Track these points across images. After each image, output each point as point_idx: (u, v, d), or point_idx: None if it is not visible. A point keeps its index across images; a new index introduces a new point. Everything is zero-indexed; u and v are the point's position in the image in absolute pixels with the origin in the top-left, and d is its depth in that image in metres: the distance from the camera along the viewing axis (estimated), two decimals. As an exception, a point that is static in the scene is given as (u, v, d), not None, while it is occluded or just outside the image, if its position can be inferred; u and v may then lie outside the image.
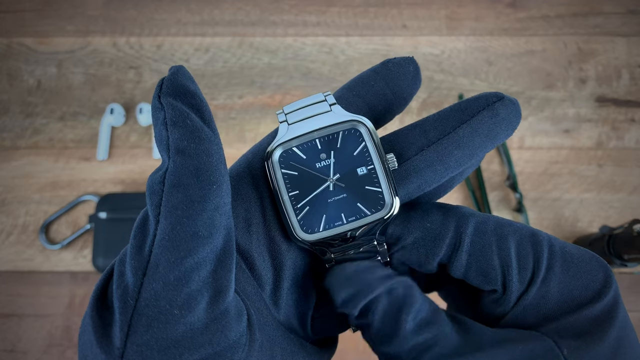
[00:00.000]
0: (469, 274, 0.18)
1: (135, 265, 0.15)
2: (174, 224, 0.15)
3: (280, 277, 0.18)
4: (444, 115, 0.19)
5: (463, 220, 0.18)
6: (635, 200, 0.64)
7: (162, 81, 0.17)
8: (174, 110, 0.16)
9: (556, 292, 0.17)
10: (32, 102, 0.68)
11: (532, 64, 0.70)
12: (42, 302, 0.61)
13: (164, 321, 0.14)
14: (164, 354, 0.14)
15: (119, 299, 0.15)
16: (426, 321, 0.17)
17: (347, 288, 0.18)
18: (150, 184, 0.16)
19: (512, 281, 0.17)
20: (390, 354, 0.17)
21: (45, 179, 0.65)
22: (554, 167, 0.66)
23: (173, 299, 0.14)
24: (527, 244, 0.18)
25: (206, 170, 0.16)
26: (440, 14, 0.72)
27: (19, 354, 0.60)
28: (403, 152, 0.19)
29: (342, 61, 0.70)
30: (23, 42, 0.71)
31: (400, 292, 0.17)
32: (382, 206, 0.18)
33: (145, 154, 0.66)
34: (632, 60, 0.70)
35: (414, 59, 0.20)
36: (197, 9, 0.72)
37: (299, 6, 0.73)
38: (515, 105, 0.18)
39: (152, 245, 0.15)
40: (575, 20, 0.71)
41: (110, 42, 0.71)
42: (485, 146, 0.18)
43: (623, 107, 0.68)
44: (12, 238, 0.63)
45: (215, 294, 0.15)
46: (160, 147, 0.16)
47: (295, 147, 0.19)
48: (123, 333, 0.14)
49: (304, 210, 0.19)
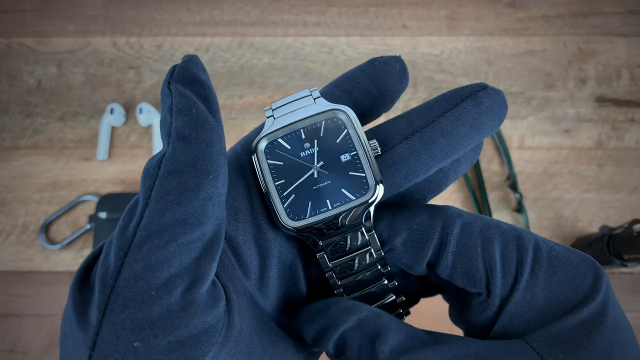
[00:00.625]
0: (455, 275, 0.18)
1: (118, 245, 0.15)
2: (163, 209, 0.15)
3: (266, 265, 0.18)
4: (429, 105, 0.19)
5: (450, 221, 0.18)
6: (635, 200, 0.64)
7: (173, 68, 0.17)
8: (182, 98, 0.16)
9: (542, 298, 0.17)
10: (32, 102, 0.68)
11: (532, 64, 0.70)
12: (42, 302, 0.61)
13: (140, 302, 0.14)
14: (138, 334, 0.14)
15: (100, 278, 0.15)
16: (403, 348, 0.17)
17: (314, 325, 0.18)
18: (146, 167, 0.16)
19: (496, 285, 0.17)
20: None
21: (45, 179, 0.65)
22: (554, 167, 0.66)
23: (152, 281, 0.14)
24: (512, 247, 0.18)
25: (204, 159, 0.16)
26: (440, 14, 0.72)
27: (19, 354, 0.60)
28: (388, 141, 0.19)
29: (342, 61, 0.70)
30: (23, 42, 0.71)
31: (371, 322, 0.17)
32: (366, 190, 0.19)
33: (145, 154, 0.66)
34: (632, 60, 0.70)
35: (401, 57, 0.20)
36: (197, 9, 0.72)
37: (299, 6, 0.73)
38: (499, 95, 0.18)
39: (137, 227, 0.15)
40: (575, 20, 0.71)
41: (110, 42, 0.71)
42: (471, 135, 0.18)
43: (623, 107, 0.68)
44: (12, 238, 0.63)
45: (194, 280, 0.15)
46: (163, 132, 0.16)
47: (280, 138, 0.20)
48: (100, 312, 0.14)
49: (289, 198, 0.19)
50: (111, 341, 0.14)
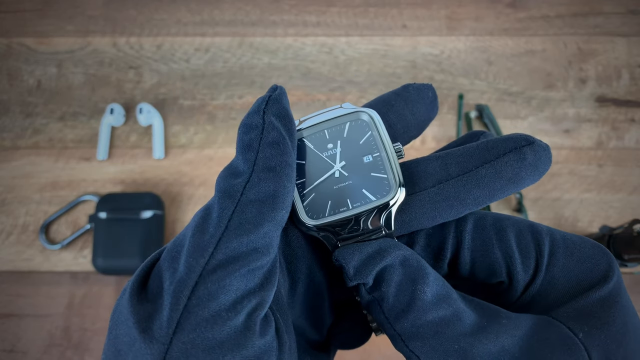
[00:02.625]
0: (475, 270, 0.18)
1: (192, 263, 0.15)
2: (240, 236, 0.15)
3: (295, 279, 0.19)
4: (468, 151, 0.18)
5: (461, 220, 0.19)
6: (635, 200, 0.64)
7: (268, 97, 0.18)
8: (274, 131, 0.17)
9: (562, 277, 0.17)
10: (32, 102, 0.68)
11: (532, 64, 0.70)
12: (41, 302, 0.61)
13: (212, 322, 0.15)
14: (208, 354, 0.14)
15: (172, 294, 0.15)
16: (442, 295, 0.17)
17: (359, 254, 0.18)
18: (228, 188, 0.16)
19: (517, 271, 0.18)
20: (407, 331, 0.17)
21: (45, 179, 0.65)
22: (554, 167, 0.66)
23: (223, 302, 0.15)
24: (526, 234, 0.18)
25: (283, 194, 0.16)
26: (440, 14, 0.72)
27: (19, 354, 0.60)
28: (420, 182, 0.19)
29: (342, 61, 0.70)
30: (23, 42, 0.71)
31: (414, 263, 0.17)
32: (387, 192, 0.18)
33: (145, 154, 0.66)
34: (632, 60, 0.70)
35: (432, 86, 0.20)
36: (197, 9, 0.72)
37: (299, 6, 0.73)
38: (545, 151, 0.18)
39: (215, 249, 0.15)
40: (575, 20, 0.71)
41: (110, 42, 0.71)
42: (508, 189, 0.18)
43: (623, 107, 0.68)
44: (12, 238, 0.63)
45: (259, 303, 0.16)
46: (246, 156, 0.17)
47: (304, 138, 0.20)
48: (171, 329, 0.14)
49: (309, 196, 0.19)
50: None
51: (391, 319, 0.17)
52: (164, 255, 0.16)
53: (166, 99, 0.68)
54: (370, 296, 0.18)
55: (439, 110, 0.68)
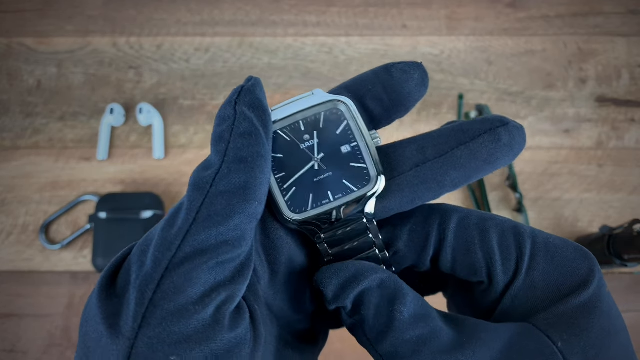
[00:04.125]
0: (456, 267, 0.19)
1: (158, 257, 0.15)
2: (209, 228, 0.15)
3: (275, 270, 0.19)
4: (444, 133, 0.18)
5: (446, 217, 0.19)
6: (635, 200, 0.64)
7: (240, 88, 0.17)
8: (246, 121, 0.17)
9: (542, 282, 0.17)
10: (32, 102, 0.68)
11: (532, 64, 0.70)
12: (41, 302, 0.61)
13: (178, 315, 0.14)
14: (175, 348, 0.14)
15: (137, 289, 0.15)
16: (420, 315, 0.17)
17: (336, 279, 0.18)
18: (197, 180, 0.16)
19: (497, 272, 0.18)
20: (387, 352, 0.17)
21: (45, 179, 0.65)
22: (554, 167, 0.66)
23: (191, 295, 0.15)
24: (509, 236, 0.18)
25: (255, 185, 0.16)
26: (440, 14, 0.72)
27: (19, 354, 0.60)
28: (397, 166, 0.19)
29: (342, 61, 0.70)
30: (23, 42, 0.71)
31: (391, 285, 0.17)
32: (367, 181, 0.18)
33: (145, 154, 0.66)
34: (632, 60, 0.70)
35: (422, 65, 0.19)
36: (197, 9, 0.72)
37: (299, 6, 0.73)
38: (520, 131, 0.18)
39: (182, 242, 0.15)
40: (575, 20, 0.71)
41: (110, 42, 0.71)
42: (484, 169, 0.18)
43: (623, 107, 0.68)
44: (12, 238, 0.63)
45: (229, 296, 0.15)
46: (217, 147, 0.17)
47: (279, 130, 0.19)
48: (136, 323, 0.14)
49: (290, 190, 0.19)
50: (147, 355, 0.14)
51: (372, 341, 0.17)
52: (134, 250, 0.16)
53: (166, 99, 0.69)
54: (352, 320, 0.18)
55: (439, 110, 0.68)
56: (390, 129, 0.67)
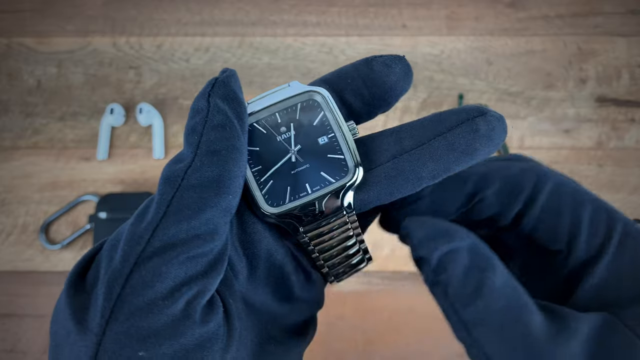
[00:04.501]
0: (538, 228, 0.18)
1: (127, 252, 0.15)
2: (179, 222, 0.15)
3: (254, 265, 0.18)
4: (421, 124, 0.18)
5: (543, 178, 0.18)
6: (635, 200, 0.64)
7: (214, 80, 0.17)
8: (219, 113, 0.16)
9: (631, 272, 0.16)
10: (32, 102, 0.68)
11: (532, 64, 0.70)
12: (41, 302, 0.61)
13: (146, 310, 0.14)
14: (143, 343, 0.14)
15: (105, 284, 0.14)
16: (512, 286, 0.16)
17: (427, 228, 0.17)
18: (169, 174, 0.16)
19: (579, 243, 0.17)
20: (473, 318, 0.16)
21: (45, 179, 0.65)
22: (554, 167, 0.65)
23: (159, 290, 0.14)
24: (602, 213, 0.17)
25: (228, 178, 0.16)
26: (440, 14, 0.72)
27: (19, 354, 0.60)
28: (375, 158, 0.18)
29: (342, 61, 0.70)
30: (23, 42, 0.71)
31: (483, 252, 0.16)
32: (345, 173, 0.18)
33: (145, 154, 0.66)
34: (632, 60, 0.70)
35: (404, 58, 0.18)
36: (197, 9, 0.72)
37: (299, 6, 0.73)
38: (500, 121, 0.17)
39: (151, 236, 0.15)
40: (575, 20, 0.71)
41: (110, 42, 0.71)
42: (463, 161, 0.17)
43: (623, 107, 0.68)
44: (12, 238, 0.63)
45: (200, 291, 0.15)
46: (190, 140, 0.16)
47: (255, 123, 0.19)
48: (103, 319, 0.14)
49: (267, 184, 0.18)
50: (114, 351, 0.14)
51: (456, 305, 0.16)
52: (105, 245, 0.16)
53: (166, 98, 0.69)
54: (435, 278, 0.17)
55: (439, 110, 0.68)
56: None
